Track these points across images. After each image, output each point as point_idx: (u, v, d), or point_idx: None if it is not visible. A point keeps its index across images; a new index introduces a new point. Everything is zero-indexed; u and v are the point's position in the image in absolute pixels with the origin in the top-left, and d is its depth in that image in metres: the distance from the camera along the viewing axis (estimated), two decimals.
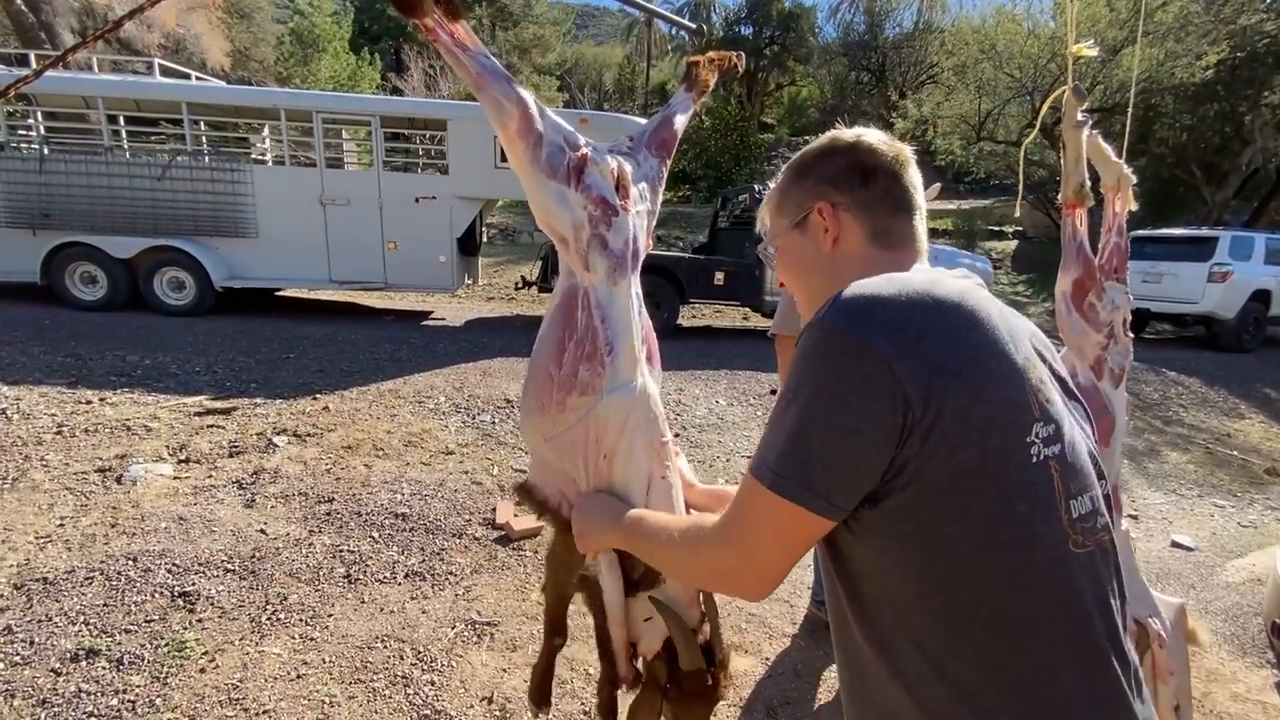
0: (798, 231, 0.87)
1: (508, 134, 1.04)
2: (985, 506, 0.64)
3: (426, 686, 2.07)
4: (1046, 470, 0.66)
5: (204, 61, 15.53)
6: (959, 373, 0.64)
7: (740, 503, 0.73)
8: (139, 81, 7.90)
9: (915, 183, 0.85)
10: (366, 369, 5.53)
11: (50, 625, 2.18)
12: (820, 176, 0.85)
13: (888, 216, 0.82)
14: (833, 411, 0.65)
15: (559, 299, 1.12)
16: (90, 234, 6.95)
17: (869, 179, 0.82)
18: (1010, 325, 0.71)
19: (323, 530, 2.94)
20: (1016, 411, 0.66)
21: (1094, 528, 0.70)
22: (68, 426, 3.81)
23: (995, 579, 0.65)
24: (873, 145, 0.83)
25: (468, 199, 7.62)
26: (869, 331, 0.65)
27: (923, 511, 0.65)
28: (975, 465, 0.64)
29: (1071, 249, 1.63)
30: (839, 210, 0.82)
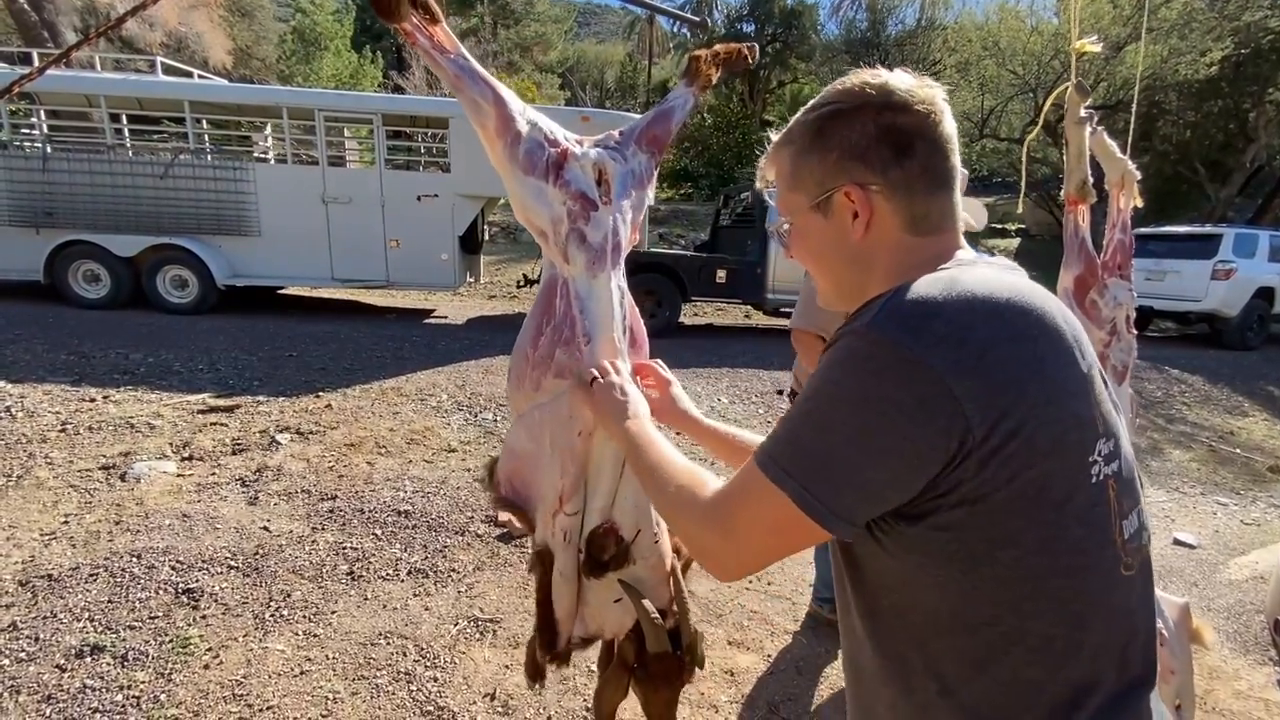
0: (819, 214, 0.73)
1: (486, 133, 1.09)
2: (1040, 530, 0.59)
3: (429, 683, 2.07)
4: (1105, 491, 0.62)
5: (206, 60, 15.54)
6: (1027, 390, 0.58)
7: (740, 490, 0.67)
8: (141, 80, 7.91)
9: (953, 141, 0.71)
10: (369, 367, 5.53)
11: (55, 622, 2.19)
12: (845, 147, 0.70)
13: (927, 197, 0.70)
14: (871, 429, 0.59)
15: (542, 287, 1.19)
16: (93, 232, 6.97)
17: (905, 151, 0.68)
18: (1074, 327, 0.65)
19: (325, 527, 2.95)
20: (1083, 429, 0.61)
21: (1139, 545, 0.67)
22: (72, 424, 3.83)
23: (1045, 605, 0.61)
24: (906, 99, 0.68)
25: (470, 197, 7.62)
26: (924, 348, 0.57)
27: (973, 533, 0.60)
28: (1036, 489, 0.59)
29: (1074, 246, 1.62)
30: (871, 194, 0.69)
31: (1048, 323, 0.62)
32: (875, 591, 0.68)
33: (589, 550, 1.15)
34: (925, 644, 0.64)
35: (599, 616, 1.21)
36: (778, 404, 5.44)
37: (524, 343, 1.17)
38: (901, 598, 0.66)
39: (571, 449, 1.12)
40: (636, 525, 1.16)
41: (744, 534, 0.66)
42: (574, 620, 1.22)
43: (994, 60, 14.74)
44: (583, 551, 1.16)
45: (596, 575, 1.15)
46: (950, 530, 0.60)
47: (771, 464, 0.63)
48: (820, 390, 0.62)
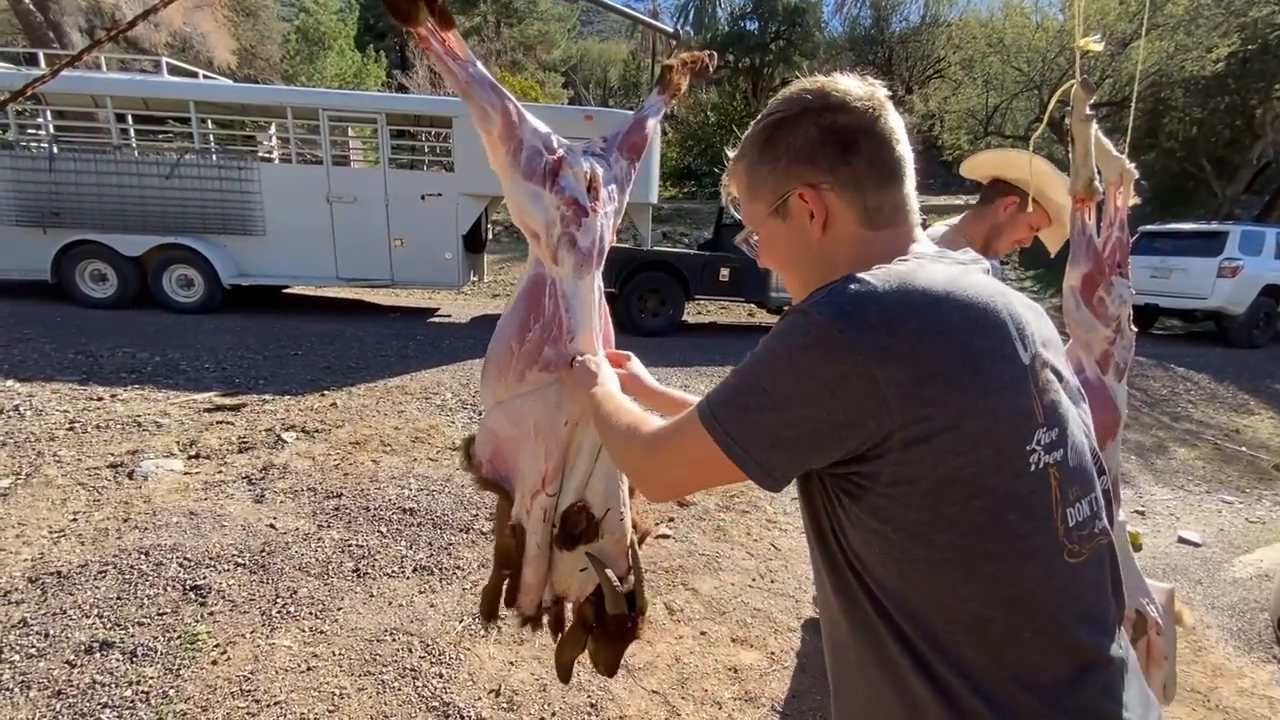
0: (779, 219, 0.77)
1: (490, 139, 1.14)
2: (973, 516, 0.62)
3: (435, 679, 2.09)
4: (1045, 478, 0.64)
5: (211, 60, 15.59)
6: (955, 381, 0.60)
7: (677, 429, 0.74)
8: (147, 80, 7.95)
9: (898, 133, 0.73)
10: (373, 366, 5.56)
11: (64, 618, 2.21)
12: (792, 153, 0.73)
13: (877, 191, 0.73)
14: (794, 395, 0.63)
15: (526, 284, 1.23)
16: (100, 232, 7.01)
17: (850, 148, 0.71)
18: (1019, 320, 0.67)
19: (331, 525, 2.97)
20: (1018, 419, 0.63)
21: (1091, 534, 0.67)
22: (79, 423, 3.86)
23: (979, 588, 0.63)
24: (843, 99, 0.71)
25: (473, 196, 7.64)
26: (856, 332, 0.61)
27: (906, 514, 0.63)
28: (966, 474, 0.61)
29: (1081, 244, 1.62)
30: (823, 193, 0.73)
31: (986, 316, 0.64)
32: (842, 567, 0.70)
33: (563, 526, 1.26)
34: (891, 618, 0.67)
35: (565, 582, 1.33)
36: None
37: (507, 336, 1.21)
38: (865, 574, 0.68)
39: (556, 436, 1.22)
40: (606, 504, 1.27)
41: (670, 461, 0.76)
42: (544, 587, 1.33)
43: (999, 57, 14.69)
44: (556, 526, 1.27)
45: (568, 548, 1.27)
46: (887, 512, 0.63)
47: (707, 411, 0.69)
48: (760, 355, 0.67)
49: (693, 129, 21.26)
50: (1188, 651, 2.59)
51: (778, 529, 3.34)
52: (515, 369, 1.20)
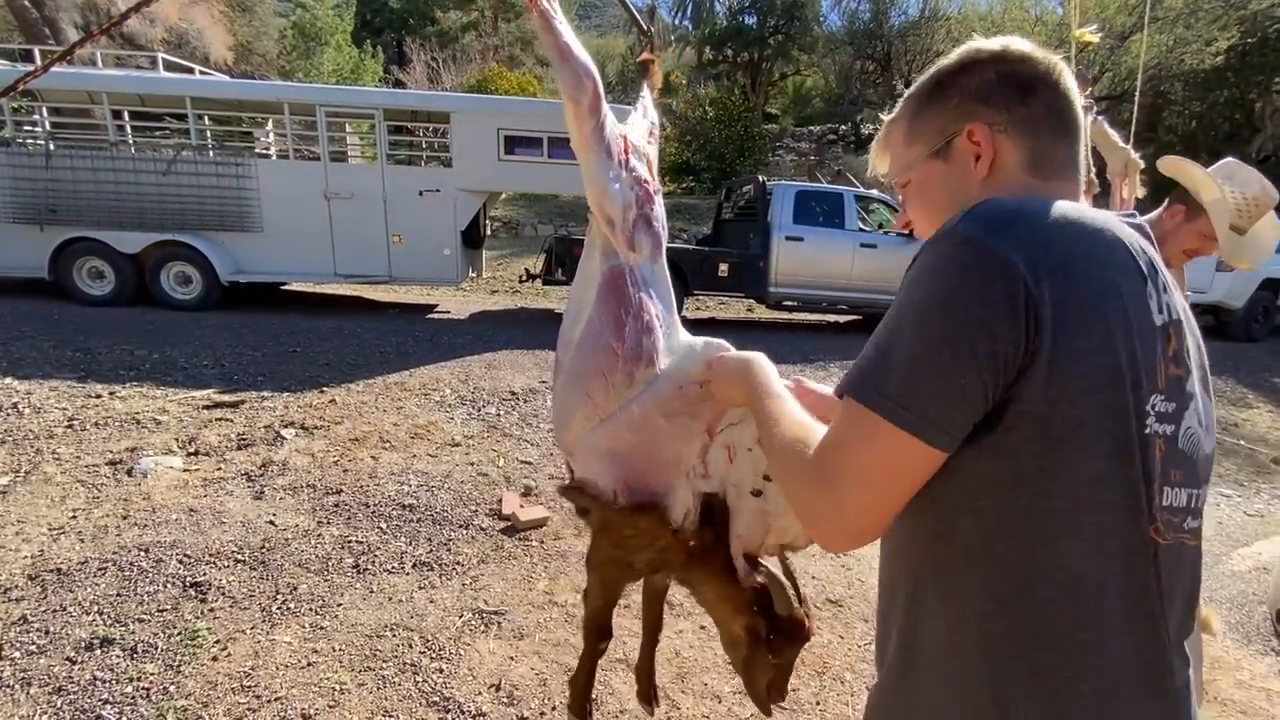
0: (939, 160, 0.73)
1: (580, 109, 1.05)
2: (1095, 464, 0.58)
3: (435, 674, 2.09)
4: (1151, 447, 0.60)
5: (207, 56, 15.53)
6: (1101, 313, 0.57)
7: (836, 433, 0.64)
8: (143, 76, 7.91)
9: (1075, 94, 0.71)
10: (372, 362, 5.55)
11: (65, 615, 2.21)
12: (967, 92, 0.71)
13: (1051, 139, 0.69)
14: (960, 328, 0.57)
15: (604, 280, 1.14)
16: (97, 229, 6.99)
17: (1028, 93, 0.69)
18: (1154, 280, 0.63)
19: (331, 521, 2.97)
20: (1145, 375, 0.59)
21: (1181, 525, 0.64)
22: (78, 420, 3.85)
23: (1080, 543, 0.60)
24: (1025, 51, 0.70)
25: (471, 192, 7.61)
26: (1010, 248, 0.57)
27: (1025, 459, 0.59)
28: (1095, 417, 0.57)
29: None
30: (995, 132, 0.69)
31: (1129, 264, 0.61)
32: (920, 511, 0.66)
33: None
34: (959, 571, 0.64)
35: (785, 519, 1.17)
36: None
37: (605, 338, 1.11)
38: (940, 523, 0.65)
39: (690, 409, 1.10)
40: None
41: (844, 481, 0.63)
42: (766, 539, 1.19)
43: None
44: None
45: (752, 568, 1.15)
46: (1003, 454, 0.59)
47: (861, 387, 0.62)
48: (907, 300, 0.61)
49: (691, 124, 21.20)
50: None
51: None
52: (623, 371, 1.10)
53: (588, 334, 1.13)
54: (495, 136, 7.27)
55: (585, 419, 1.14)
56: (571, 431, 1.16)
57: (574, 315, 1.15)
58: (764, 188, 8.23)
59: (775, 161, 20.01)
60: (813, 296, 8.28)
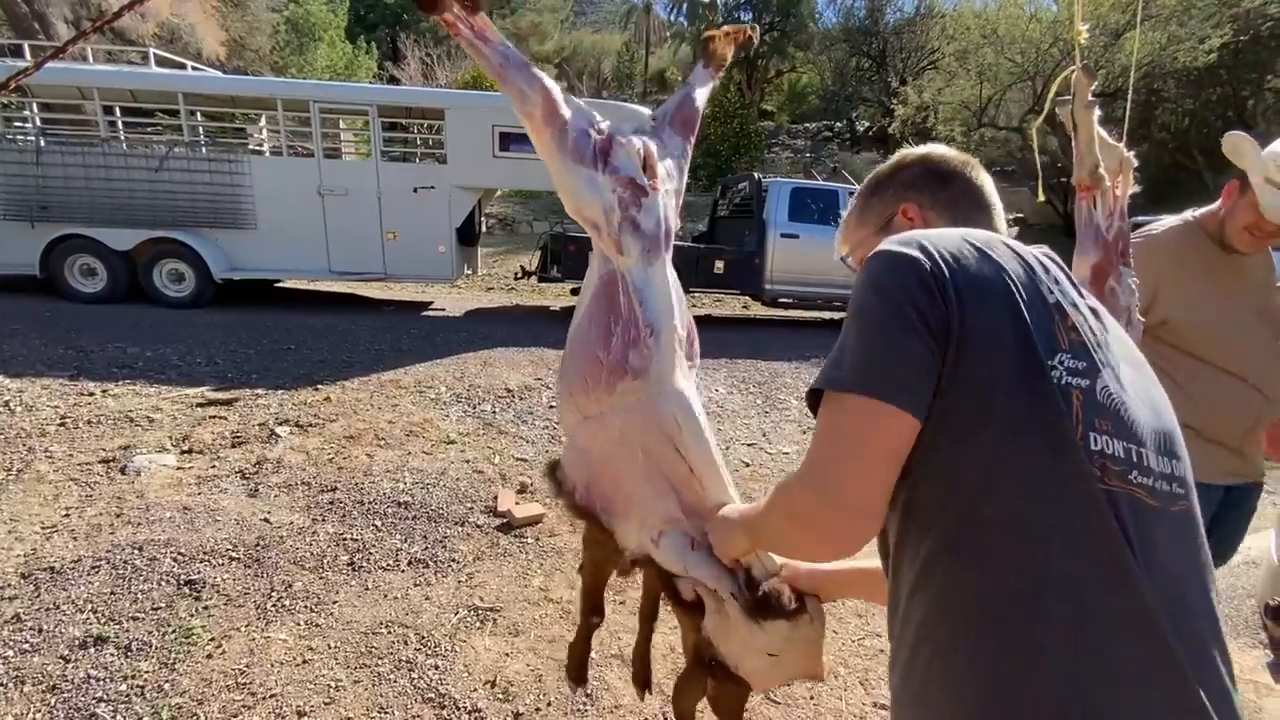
0: (883, 234, 0.88)
1: (534, 123, 1.05)
2: (1015, 408, 0.66)
3: (431, 671, 2.10)
4: (1068, 394, 0.67)
5: (199, 51, 15.43)
6: (993, 289, 0.69)
7: (816, 433, 0.72)
8: (134, 72, 7.86)
9: (989, 186, 0.91)
10: (367, 359, 5.54)
11: (58, 613, 2.21)
12: (899, 184, 0.93)
13: (970, 213, 0.88)
14: (896, 309, 0.68)
15: (597, 286, 1.11)
16: (89, 226, 6.95)
17: (947, 181, 0.90)
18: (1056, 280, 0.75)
19: (326, 519, 2.97)
20: (1044, 334, 0.68)
21: (1127, 476, 0.67)
22: (71, 418, 3.83)
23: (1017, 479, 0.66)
24: (943, 154, 0.93)
25: (466, 188, 7.60)
26: (914, 250, 0.71)
27: (960, 416, 0.67)
28: (1008, 369, 0.66)
29: (1089, 233, 1.57)
30: (924, 210, 0.90)
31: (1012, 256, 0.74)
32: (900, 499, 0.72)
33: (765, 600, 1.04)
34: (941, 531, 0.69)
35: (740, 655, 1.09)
36: (775, 395, 5.46)
37: (591, 346, 1.09)
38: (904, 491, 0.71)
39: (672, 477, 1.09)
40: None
41: (833, 471, 0.69)
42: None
43: (992, 48, 14.69)
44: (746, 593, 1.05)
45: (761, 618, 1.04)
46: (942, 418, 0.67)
47: (825, 378, 0.71)
48: (854, 306, 0.73)
49: None
50: None
51: None
52: (606, 381, 1.08)
53: (576, 337, 1.12)
54: (490, 133, 7.25)
55: (573, 412, 1.16)
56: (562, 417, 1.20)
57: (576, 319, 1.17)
58: (760, 185, 8.23)
59: (771, 159, 20.01)
60: (808, 293, 8.30)
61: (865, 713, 2.08)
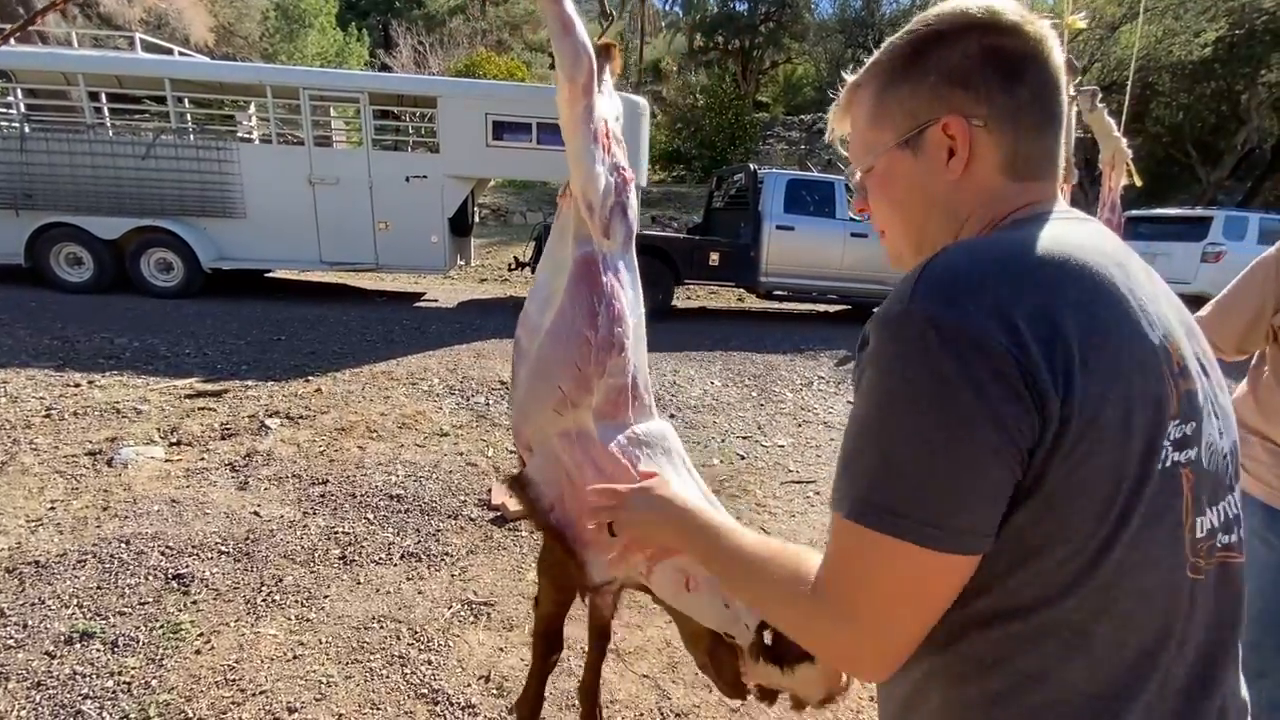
0: (907, 151, 0.64)
1: (574, 88, 1.02)
2: (1099, 524, 0.52)
3: (424, 666, 2.07)
4: (1177, 479, 0.54)
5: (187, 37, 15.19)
6: (1088, 362, 0.50)
7: (846, 560, 0.56)
8: (121, 57, 7.71)
9: (1063, 75, 0.63)
10: (359, 351, 5.49)
11: (43, 608, 2.17)
12: (944, 71, 0.61)
13: (1033, 133, 0.61)
14: (966, 418, 0.50)
15: (576, 266, 1.10)
16: (75, 214, 6.84)
17: (1014, 78, 0.60)
18: (1139, 294, 0.56)
19: (317, 512, 2.93)
20: (1153, 407, 0.53)
21: (1216, 546, 0.58)
22: (56, 409, 3.77)
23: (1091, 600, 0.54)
24: (1016, 22, 0.60)
25: (459, 178, 7.52)
26: (982, 317, 0.50)
27: (1030, 528, 0.53)
28: (1100, 476, 0.51)
29: None
30: (973, 127, 0.61)
31: (1108, 288, 0.54)
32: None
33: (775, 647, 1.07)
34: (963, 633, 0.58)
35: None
36: (770, 387, 5.45)
37: (578, 327, 1.07)
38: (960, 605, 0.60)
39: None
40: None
41: (873, 615, 0.55)
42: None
43: None
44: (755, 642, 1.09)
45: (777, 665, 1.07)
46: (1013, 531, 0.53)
47: (871, 510, 0.53)
48: (889, 394, 0.53)
49: (682, 112, 21.04)
50: None
51: (767, 513, 3.34)
52: (596, 361, 1.06)
53: (560, 322, 1.09)
54: (483, 122, 7.16)
55: (554, 411, 1.09)
56: (533, 424, 1.11)
57: (541, 301, 1.11)
58: (755, 177, 8.19)
59: (766, 150, 19.93)
60: (803, 286, 8.28)
61: (861, 705, 2.07)
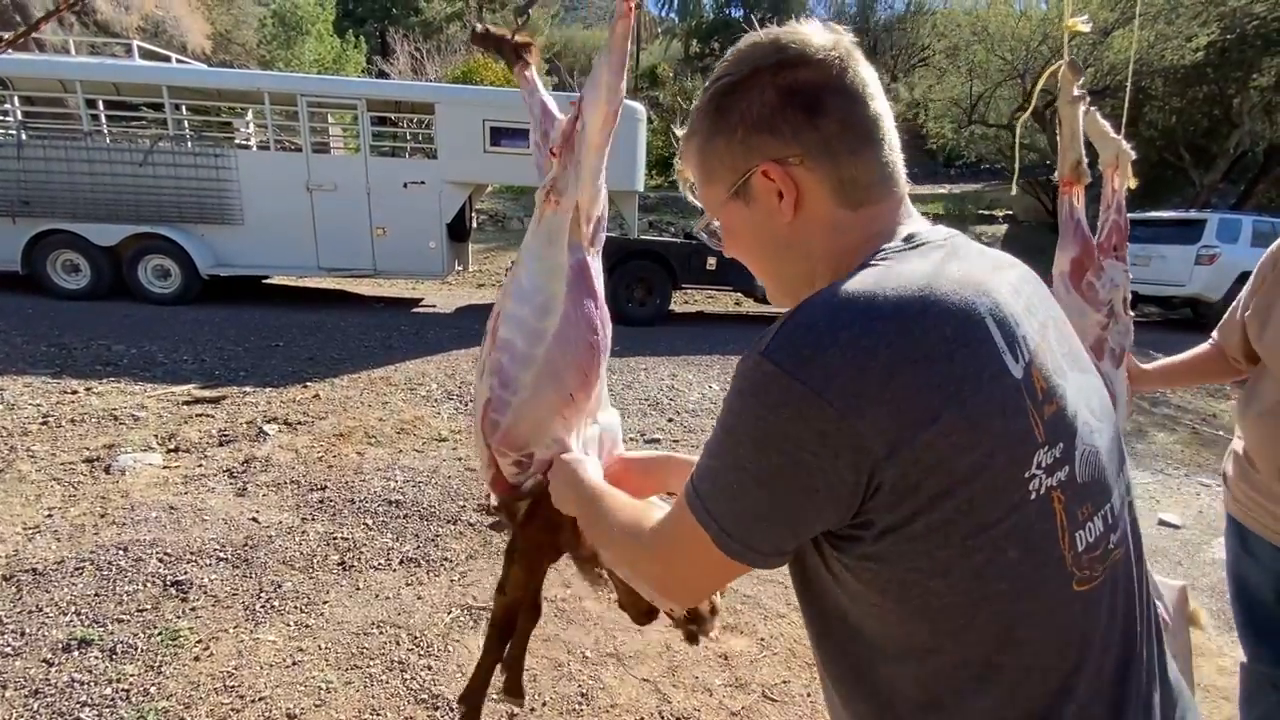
0: (740, 202, 0.66)
1: (606, 113, 1.05)
2: (969, 558, 0.55)
3: (423, 671, 2.07)
4: (1048, 504, 0.56)
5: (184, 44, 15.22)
6: (940, 416, 0.52)
7: (674, 526, 0.65)
8: (118, 65, 7.75)
9: (871, 86, 0.62)
10: (357, 356, 5.48)
11: (41, 616, 2.16)
12: (749, 121, 0.62)
13: (851, 159, 0.61)
14: (776, 467, 0.55)
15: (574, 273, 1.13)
16: (72, 221, 6.84)
17: (815, 109, 0.60)
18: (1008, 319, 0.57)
19: (316, 518, 2.93)
20: (1014, 444, 0.54)
21: (1104, 553, 0.60)
22: (54, 417, 3.76)
23: (986, 633, 0.57)
24: (803, 51, 0.60)
25: (457, 184, 7.54)
26: (820, 381, 0.52)
27: (900, 563, 0.56)
28: (960, 514, 0.54)
29: (1069, 227, 1.60)
30: (789, 167, 0.62)
31: (969, 327, 0.55)
32: (825, 615, 0.65)
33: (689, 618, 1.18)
34: (875, 669, 0.62)
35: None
36: None
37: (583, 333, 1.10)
38: (847, 624, 0.63)
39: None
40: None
41: (681, 569, 0.67)
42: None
43: (983, 45, 14.72)
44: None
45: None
46: (878, 561, 0.57)
47: (698, 503, 0.61)
48: (727, 421, 0.58)
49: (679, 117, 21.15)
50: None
51: None
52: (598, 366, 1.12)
53: (566, 329, 1.10)
54: (481, 128, 7.19)
55: (563, 418, 1.11)
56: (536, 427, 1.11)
57: (538, 307, 1.09)
58: None
59: None
60: None
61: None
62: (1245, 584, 1.38)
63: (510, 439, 1.11)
